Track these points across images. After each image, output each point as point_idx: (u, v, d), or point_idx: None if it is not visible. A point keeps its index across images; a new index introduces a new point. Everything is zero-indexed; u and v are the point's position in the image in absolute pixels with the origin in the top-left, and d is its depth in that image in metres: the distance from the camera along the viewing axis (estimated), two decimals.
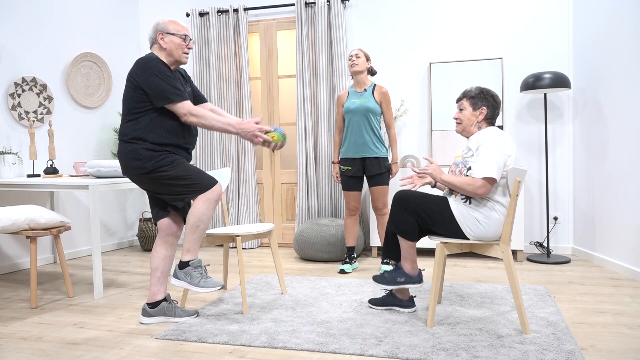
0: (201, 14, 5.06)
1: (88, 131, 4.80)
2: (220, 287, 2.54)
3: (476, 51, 4.55)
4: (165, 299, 2.73)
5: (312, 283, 3.45)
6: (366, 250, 4.75)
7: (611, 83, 3.71)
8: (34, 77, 4.23)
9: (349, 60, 3.83)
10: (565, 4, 4.35)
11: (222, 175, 3.21)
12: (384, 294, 2.92)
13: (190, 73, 5.29)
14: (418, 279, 2.66)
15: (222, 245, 4.93)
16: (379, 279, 2.70)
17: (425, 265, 4.00)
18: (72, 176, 3.85)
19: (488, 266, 3.92)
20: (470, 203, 2.50)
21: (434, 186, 2.81)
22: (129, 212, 5.30)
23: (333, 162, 4.03)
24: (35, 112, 4.26)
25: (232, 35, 4.98)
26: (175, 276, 2.59)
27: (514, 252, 4.29)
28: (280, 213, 5.12)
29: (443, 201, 2.53)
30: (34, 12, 4.27)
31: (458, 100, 2.67)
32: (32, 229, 3.08)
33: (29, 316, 2.87)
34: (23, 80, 4.15)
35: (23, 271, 4.08)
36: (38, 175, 4.01)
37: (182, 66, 5.30)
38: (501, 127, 4.44)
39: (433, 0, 4.63)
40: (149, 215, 5.36)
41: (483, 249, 2.51)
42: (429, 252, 4.52)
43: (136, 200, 5.39)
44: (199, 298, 3.16)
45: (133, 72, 2.54)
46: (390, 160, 4.22)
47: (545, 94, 4.14)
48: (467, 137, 2.67)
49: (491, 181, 2.43)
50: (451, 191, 2.61)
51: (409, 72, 4.71)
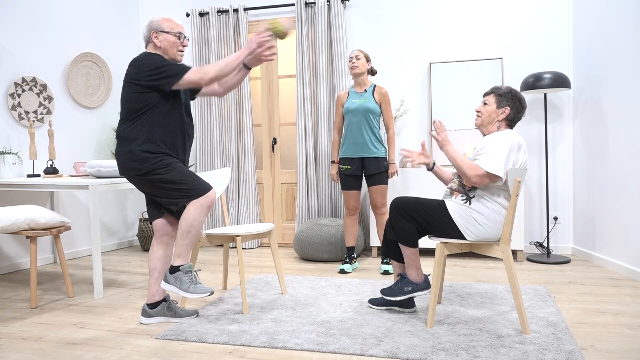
0: (201, 14, 5.06)
1: (88, 131, 4.80)
2: (210, 294, 2.50)
3: (476, 51, 4.55)
4: (164, 299, 2.73)
5: (312, 283, 3.45)
6: (366, 250, 4.75)
7: (611, 83, 3.71)
8: (34, 77, 4.23)
9: (349, 62, 3.83)
10: (565, 4, 4.35)
11: (222, 175, 3.21)
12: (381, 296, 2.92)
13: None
14: (425, 285, 2.64)
15: (222, 245, 4.93)
16: (387, 292, 2.68)
17: (425, 265, 4.00)
18: (72, 176, 3.84)
19: (488, 266, 3.92)
20: (470, 204, 2.49)
21: (430, 169, 2.78)
22: (129, 212, 5.30)
23: (332, 162, 4.04)
24: (35, 112, 4.26)
25: (232, 35, 4.98)
26: (165, 280, 2.57)
27: (514, 252, 4.29)
28: (280, 213, 5.12)
29: (440, 205, 2.52)
30: (34, 12, 4.27)
31: (486, 94, 2.64)
32: (32, 229, 3.08)
33: (29, 316, 2.87)
34: (23, 80, 4.15)
35: (23, 271, 4.08)
36: (38, 175, 4.01)
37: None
38: None
39: (433, 0, 4.63)
40: None
41: (483, 249, 2.51)
42: (429, 252, 4.52)
43: (136, 200, 5.39)
44: (199, 298, 3.16)
45: (130, 73, 2.52)
46: (387, 160, 4.21)
47: (545, 94, 4.14)
48: (484, 134, 2.65)
49: (493, 177, 2.42)
50: (452, 192, 2.61)
51: (409, 72, 4.71)
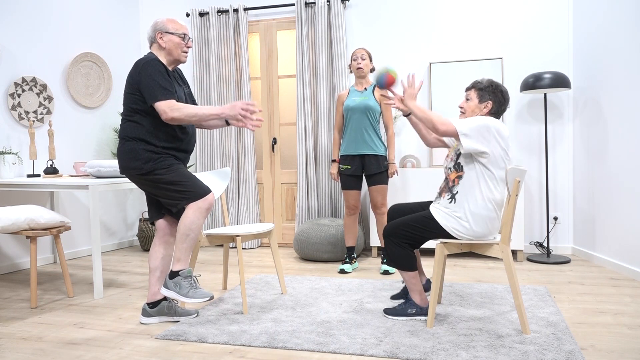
0: (201, 14, 5.06)
1: (88, 131, 4.80)
2: (210, 298, 2.51)
3: (476, 51, 4.55)
4: (165, 299, 2.73)
5: (312, 283, 3.45)
6: (366, 250, 4.75)
7: (611, 83, 3.71)
8: (34, 77, 4.23)
9: (354, 60, 3.83)
10: (565, 4, 4.35)
11: (222, 175, 3.21)
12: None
13: (190, 73, 5.29)
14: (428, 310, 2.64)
15: (222, 245, 4.93)
16: (390, 311, 2.68)
17: (425, 265, 4.00)
18: (72, 176, 3.84)
19: (488, 266, 3.92)
20: (455, 202, 2.50)
21: (407, 115, 2.78)
22: (129, 212, 5.30)
23: (333, 161, 4.04)
24: (35, 112, 4.26)
25: (232, 35, 4.98)
26: (165, 285, 2.58)
27: (514, 252, 4.29)
28: (280, 213, 5.12)
29: (427, 217, 2.53)
30: (34, 12, 4.27)
31: (467, 89, 2.64)
32: (32, 229, 3.08)
33: (29, 316, 2.87)
34: (23, 80, 4.15)
35: (23, 271, 4.08)
36: (38, 175, 4.01)
37: (181, 66, 5.30)
38: None
39: (433, 0, 4.63)
40: None
41: (483, 249, 2.51)
42: (429, 252, 4.52)
43: (136, 200, 5.39)
44: None
45: (131, 74, 2.57)
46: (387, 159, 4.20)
47: (545, 94, 4.14)
48: None
49: (453, 131, 2.42)
50: (440, 194, 2.60)
51: (409, 72, 4.71)
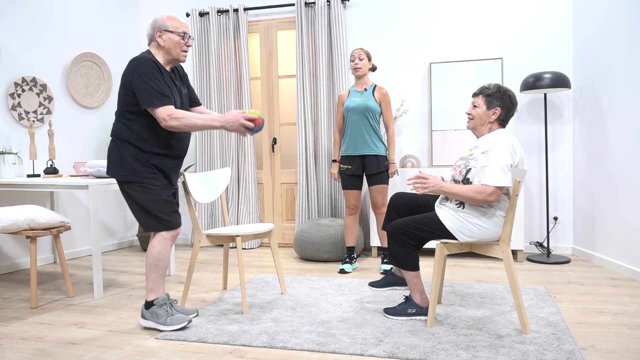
0: (201, 14, 5.06)
1: (88, 131, 4.80)
2: (188, 322, 2.53)
3: (476, 51, 4.55)
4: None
5: (312, 283, 3.45)
6: (366, 250, 4.75)
7: (611, 83, 3.71)
8: (34, 77, 4.23)
9: (352, 61, 3.83)
10: (565, 4, 4.35)
11: (222, 175, 3.21)
12: (384, 276, 3.13)
13: (190, 73, 5.29)
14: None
15: (222, 245, 4.93)
16: (390, 311, 2.68)
17: (425, 265, 4.00)
18: (72, 176, 3.84)
19: (488, 266, 3.92)
20: (463, 207, 2.49)
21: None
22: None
23: (333, 161, 4.04)
24: (35, 112, 4.26)
25: (232, 35, 4.98)
26: (142, 316, 2.59)
27: (514, 252, 4.29)
28: (280, 213, 5.12)
29: (432, 218, 2.52)
30: (34, 12, 4.27)
31: (474, 95, 2.60)
32: (32, 229, 3.08)
33: (29, 316, 2.87)
34: (23, 80, 4.15)
35: (23, 271, 4.08)
36: (38, 175, 4.01)
37: (182, 65, 5.29)
38: None
39: (433, 0, 4.63)
40: None
41: (483, 249, 2.51)
42: (429, 252, 4.52)
43: None
44: (199, 298, 3.16)
45: (125, 73, 2.49)
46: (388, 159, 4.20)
47: (545, 94, 4.14)
48: (477, 137, 2.63)
49: (502, 188, 2.40)
50: (446, 197, 2.59)
51: (409, 72, 4.71)
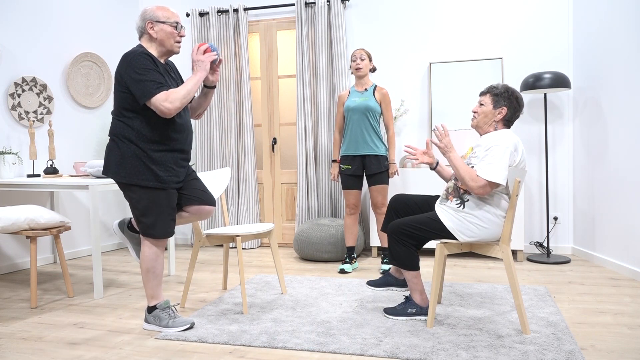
0: (201, 14, 5.06)
1: (88, 131, 4.80)
2: (190, 326, 2.55)
3: (476, 51, 4.55)
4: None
5: (312, 283, 3.45)
6: (366, 250, 4.75)
7: (611, 83, 3.71)
8: (34, 77, 4.23)
9: (353, 61, 3.83)
10: (565, 4, 4.35)
11: (222, 175, 3.21)
12: (382, 276, 3.13)
13: (190, 73, 5.29)
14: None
15: (222, 245, 4.93)
16: (390, 311, 2.67)
17: (425, 265, 4.00)
18: (72, 176, 3.84)
19: (488, 266, 3.92)
20: (464, 208, 2.49)
21: (433, 169, 2.78)
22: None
23: (333, 161, 4.04)
24: (35, 112, 4.26)
25: (232, 35, 4.98)
26: (145, 320, 2.60)
27: (514, 252, 4.29)
28: (280, 213, 5.12)
29: (432, 218, 2.53)
30: (34, 12, 4.27)
31: (482, 93, 2.60)
32: (32, 229, 3.08)
33: (29, 316, 2.87)
34: (23, 80, 4.15)
35: (23, 271, 4.08)
36: (38, 175, 4.01)
37: (181, 66, 5.29)
38: None
39: (433, 0, 4.63)
40: None
41: (483, 249, 2.51)
42: (429, 252, 4.52)
43: None
44: (199, 298, 3.16)
45: (119, 69, 2.39)
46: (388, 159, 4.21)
47: (545, 94, 4.14)
48: (480, 134, 2.63)
49: (494, 185, 2.40)
50: (447, 196, 2.60)
51: (409, 72, 4.71)
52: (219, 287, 3.43)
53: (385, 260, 3.80)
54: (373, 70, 3.94)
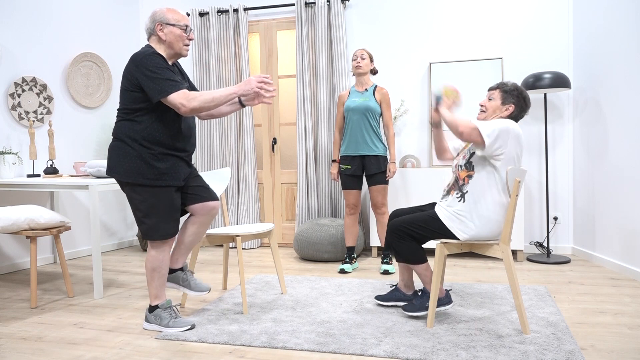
0: (201, 14, 5.06)
1: (88, 131, 4.80)
2: (190, 327, 2.54)
3: (476, 51, 4.55)
4: (181, 269, 2.71)
5: (312, 283, 3.45)
6: (366, 250, 4.75)
7: (611, 83, 3.71)
8: (34, 77, 4.23)
9: (353, 60, 3.84)
10: (565, 4, 4.35)
11: (222, 175, 3.21)
12: (390, 290, 3.02)
13: (190, 73, 5.29)
14: (447, 300, 2.63)
15: (222, 245, 4.93)
16: (409, 308, 2.65)
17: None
18: (72, 176, 3.84)
19: (488, 266, 3.92)
20: (464, 202, 2.49)
21: (436, 127, 2.79)
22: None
23: (333, 161, 4.04)
24: (35, 112, 4.26)
25: (232, 35, 4.98)
26: (146, 319, 2.60)
27: (514, 252, 4.29)
28: (280, 213, 5.12)
29: (431, 216, 2.54)
30: (34, 12, 4.27)
31: (491, 88, 2.63)
32: (32, 229, 3.08)
33: (29, 316, 2.87)
34: (23, 80, 4.15)
35: (23, 271, 4.08)
36: (38, 175, 4.01)
37: (182, 63, 5.29)
38: None
39: (433, 0, 4.63)
40: None
41: (483, 249, 2.51)
42: (429, 252, 4.52)
43: None
44: (199, 298, 3.16)
45: (129, 69, 2.39)
46: (388, 159, 4.22)
47: (545, 94, 4.14)
48: None
49: (477, 134, 2.41)
50: (448, 192, 2.60)
51: (409, 72, 4.71)
52: (219, 287, 3.43)
53: (385, 260, 3.80)
54: (374, 72, 3.93)
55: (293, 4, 4.88)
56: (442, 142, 2.85)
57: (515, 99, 2.56)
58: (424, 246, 4.28)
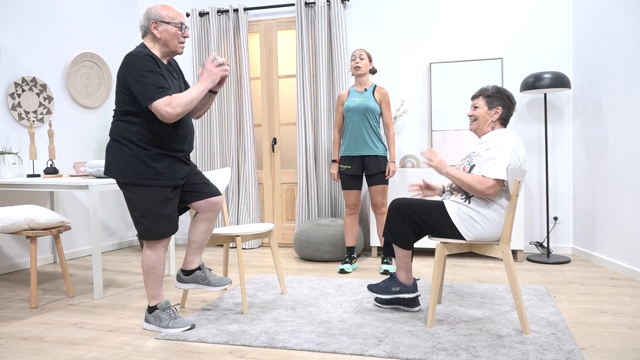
0: (201, 14, 5.06)
1: (88, 131, 4.80)
2: (190, 327, 2.54)
3: (476, 51, 4.55)
4: (199, 268, 2.70)
5: (312, 283, 3.45)
6: (366, 250, 4.75)
7: (611, 83, 3.71)
8: (34, 77, 4.23)
9: (352, 60, 3.84)
10: (565, 4, 4.35)
11: (222, 175, 3.21)
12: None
13: (190, 73, 5.29)
14: (412, 289, 2.69)
15: (222, 245, 4.93)
16: (374, 288, 2.72)
17: (425, 265, 4.00)
18: (72, 176, 3.84)
19: (488, 266, 3.92)
20: (469, 202, 2.49)
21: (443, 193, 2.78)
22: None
23: (333, 161, 4.04)
24: (35, 112, 4.26)
25: (232, 35, 4.98)
26: (145, 320, 2.60)
27: (514, 252, 4.29)
28: (280, 213, 5.12)
29: (439, 206, 2.52)
30: (34, 12, 4.27)
31: (474, 97, 2.63)
32: (32, 229, 3.08)
33: (29, 316, 2.87)
34: (23, 80, 4.15)
35: (23, 271, 4.08)
36: (38, 175, 4.01)
37: (181, 66, 5.29)
38: None
39: (433, 0, 4.63)
40: None
41: (483, 249, 2.51)
42: (429, 252, 4.52)
43: None
44: (199, 298, 3.16)
45: (121, 70, 2.38)
46: (388, 159, 4.22)
47: (545, 94, 4.14)
48: (479, 136, 2.64)
49: (502, 183, 2.42)
50: (451, 192, 2.60)
51: (409, 72, 4.71)
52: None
53: (385, 260, 3.80)
54: (373, 71, 3.94)
55: (293, 4, 4.88)
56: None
57: (500, 101, 2.57)
58: (424, 245, 4.28)
